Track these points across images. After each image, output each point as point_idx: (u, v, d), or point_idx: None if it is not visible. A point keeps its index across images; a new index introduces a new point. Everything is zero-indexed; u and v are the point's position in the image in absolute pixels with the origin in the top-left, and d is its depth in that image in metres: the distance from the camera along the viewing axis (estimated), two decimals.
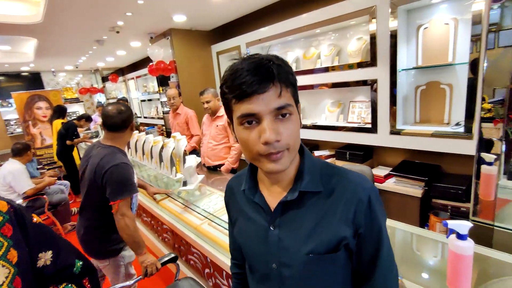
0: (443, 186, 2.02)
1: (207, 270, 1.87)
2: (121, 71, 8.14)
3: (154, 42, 4.08)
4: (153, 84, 6.65)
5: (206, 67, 4.11)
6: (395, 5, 2.02)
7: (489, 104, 1.46)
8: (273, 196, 0.65)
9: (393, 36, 2.09)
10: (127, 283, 1.47)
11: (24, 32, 3.25)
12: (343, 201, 0.59)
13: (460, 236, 0.84)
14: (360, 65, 2.38)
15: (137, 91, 7.27)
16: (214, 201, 2.05)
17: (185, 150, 2.42)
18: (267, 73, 0.52)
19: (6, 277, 0.60)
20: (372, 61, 2.26)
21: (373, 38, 2.21)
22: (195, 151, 3.11)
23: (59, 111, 4.72)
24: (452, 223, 0.84)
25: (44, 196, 3.13)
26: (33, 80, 7.45)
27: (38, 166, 4.31)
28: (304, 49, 3.03)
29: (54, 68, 5.90)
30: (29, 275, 0.65)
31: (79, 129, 4.56)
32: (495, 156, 1.41)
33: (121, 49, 4.93)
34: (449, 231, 0.86)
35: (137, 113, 7.31)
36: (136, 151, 3.11)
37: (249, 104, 0.53)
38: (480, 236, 0.88)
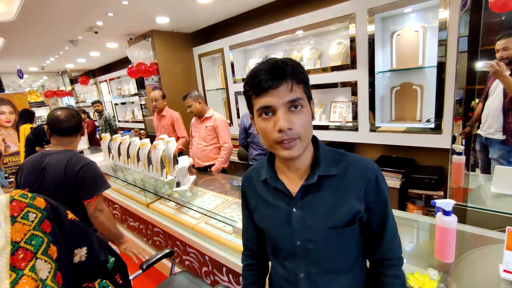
0: (418, 177, 2.24)
1: (205, 269, 1.90)
2: (92, 73, 7.76)
3: (133, 44, 3.99)
4: (128, 87, 6.44)
5: (188, 70, 4.10)
6: (372, 13, 2.22)
7: None
8: (292, 182, 0.73)
9: (371, 41, 2.28)
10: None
11: None
12: (355, 181, 0.69)
13: (446, 213, 0.98)
14: (341, 67, 2.55)
15: (110, 94, 6.99)
16: (207, 201, 2.08)
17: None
18: (281, 71, 0.62)
19: (49, 272, 0.61)
20: (352, 64, 2.44)
21: (352, 42, 2.39)
22: (181, 153, 3.10)
23: (26, 116, 4.40)
24: (439, 202, 0.98)
25: None
26: None
27: (5, 175, 3.98)
28: (287, 53, 3.16)
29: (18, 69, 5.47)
30: (68, 270, 0.66)
31: None
32: (463, 147, 1.61)
33: (95, 50, 4.74)
34: (436, 209, 1.00)
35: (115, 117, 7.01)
36: (119, 154, 3.03)
37: (265, 97, 0.62)
38: (456, 216, 1.03)
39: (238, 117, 3.73)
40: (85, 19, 2.96)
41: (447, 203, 0.97)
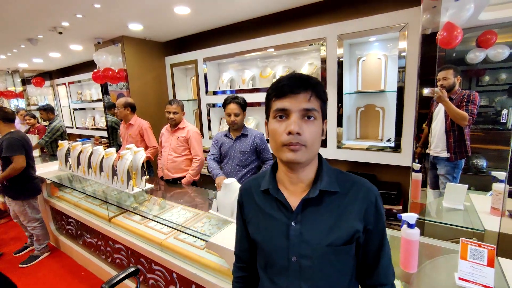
0: (380, 192, 2.39)
1: (171, 287, 1.80)
2: (48, 75, 7.15)
3: (101, 48, 3.80)
4: (90, 92, 6.05)
5: (159, 79, 3.99)
6: (341, 38, 2.40)
7: None
8: (293, 195, 0.73)
9: (340, 64, 2.46)
10: None
11: None
12: (358, 201, 0.70)
13: (410, 225, 1.07)
14: None
15: (69, 98, 6.49)
16: (176, 215, 1.99)
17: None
18: (304, 82, 0.67)
19: None
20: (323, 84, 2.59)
21: (323, 64, 2.55)
22: (148, 162, 2.97)
23: None
24: (404, 215, 1.06)
25: None
26: None
27: None
28: (261, 69, 3.26)
29: None
30: None
31: None
32: (420, 165, 1.79)
33: (56, 50, 4.40)
34: (402, 222, 1.08)
35: (65, 123, 6.46)
36: (78, 164, 2.79)
37: (284, 101, 0.67)
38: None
39: (210, 129, 3.70)
40: (49, 18, 2.75)
41: (411, 217, 1.06)
